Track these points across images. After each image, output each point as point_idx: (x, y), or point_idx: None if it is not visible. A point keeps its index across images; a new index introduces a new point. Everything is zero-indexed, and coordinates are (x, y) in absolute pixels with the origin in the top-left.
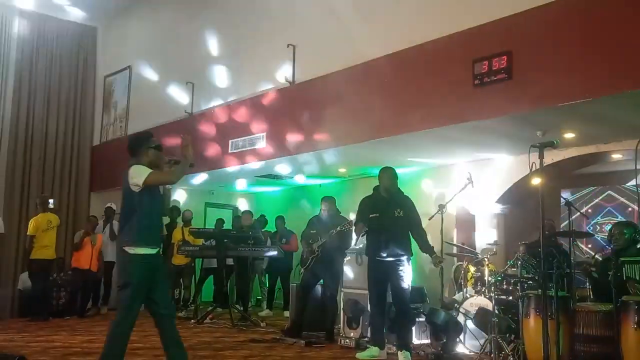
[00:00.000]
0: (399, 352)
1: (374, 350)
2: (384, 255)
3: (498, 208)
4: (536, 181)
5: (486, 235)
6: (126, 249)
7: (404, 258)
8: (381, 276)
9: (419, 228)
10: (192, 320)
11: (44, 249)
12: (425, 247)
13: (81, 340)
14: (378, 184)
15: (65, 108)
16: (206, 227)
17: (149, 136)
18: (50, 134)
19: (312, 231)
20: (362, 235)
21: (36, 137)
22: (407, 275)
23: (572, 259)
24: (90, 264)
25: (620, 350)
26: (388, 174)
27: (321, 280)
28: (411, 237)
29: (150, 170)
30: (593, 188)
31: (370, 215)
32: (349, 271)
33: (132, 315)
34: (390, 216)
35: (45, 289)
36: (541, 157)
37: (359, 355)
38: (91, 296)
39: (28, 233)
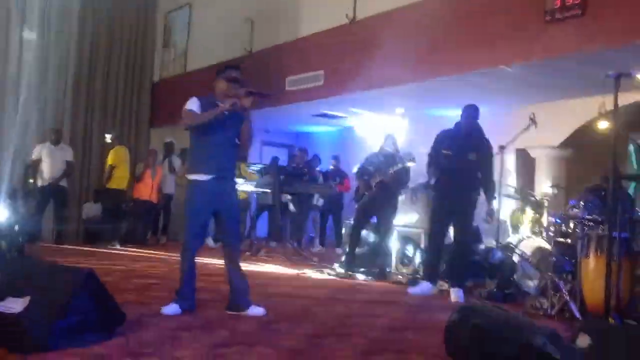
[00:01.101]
0: (451, 289)
1: (424, 285)
2: (451, 194)
3: (561, 152)
4: (603, 125)
5: (546, 180)
6: (186, 176)
7: (470, 197)
8: (444, 214)
9: (487, 177)
10: (247, 253)
11: (119, 179)
12: (487, 197)
13: (142, 265)
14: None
15: (127, 44)
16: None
17: (227, 67)
18: (112, 70)
19: (369, 167)
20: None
21: (98, 73)
22: (471, 214)
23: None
24: (150, 196)
25: None
26: (467, 111)
27: (374, 217)
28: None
29: (190, 107)
30: None
31: (444, 151)
32: (403, 208)
33: (188, 235)
34: (461, 159)
35: (117, 218)
36: (617, 86)
37: (410, 290)
38: (151, 226)
39: (110, 163)
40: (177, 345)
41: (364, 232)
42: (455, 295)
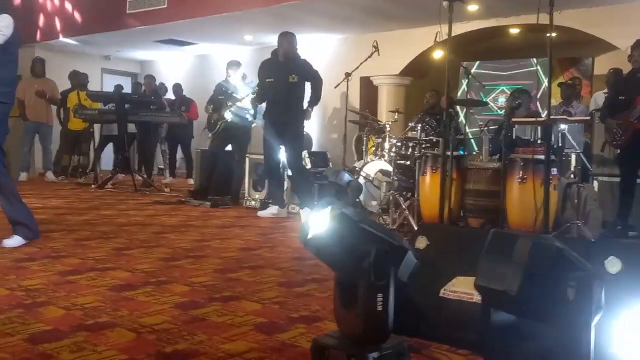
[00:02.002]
0: (301, 211)
1: (273, 208)
2: (276, 120)
3: (401, 80)
4: (439, 53)
5: (388, 106)
6: None
7: (297, 120)
8: (276, 139)
9: (313, 93)
10: (93, 186)
11: None
12: (311, 101)
13: None
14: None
15: None
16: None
17: None
18: None
19: (219, 97)
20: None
21: None
22: (299, 139)
23: (466, 124)
24: None
25: (505, 203)
26: (287, 38)
27: (229, 146)
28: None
29: None
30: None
31: (267, 80)
32: (255, 136)
33: None
34: (284, 82)
35: None
36: (451, 12)
37: (260, 213)
38: None
39: None
40: (22, 274)
41: None
42: (306, 214)
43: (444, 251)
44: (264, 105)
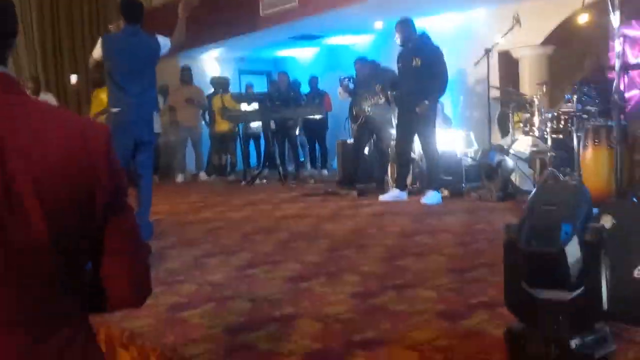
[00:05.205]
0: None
1: (395, 191)
2: (405, 106)
3: (543, 50)
4: (584, 18)
5: (530, 80)
6: None
7: (421, 105)
8: (406, 125)
9: (436, 75)
10: (243, 182)
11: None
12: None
13: None
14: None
15: None
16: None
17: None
18: (75, 12)
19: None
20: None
21: (62, 15)
22: (429, 126)
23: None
24: None
25: None
26: (400, 25)
27: (374, 135)
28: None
29: None
30: None
31: (397, 66)
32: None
33: None
34: (408, 67)
35: None
36: None
37: (381, 197)
38: None
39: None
40: (165, 259)
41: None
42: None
43: (635, 230)
44: None
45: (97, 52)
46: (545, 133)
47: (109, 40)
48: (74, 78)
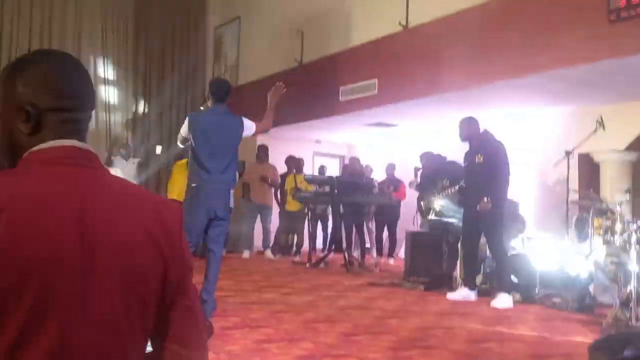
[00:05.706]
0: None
1: (463, 290)
2: (471, 204)
3: (627, 155)
4: None
5: (611, 185)
6: None
7: (493, 206)
8: (472, 224)
9: (497, 175)
10: (307, 264)
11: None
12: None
13: None
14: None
15: (179, 61)
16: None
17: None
18: (165, 87)
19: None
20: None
21: (153, 90)
22: (495, 224)
23: None
24: None
25: None
26: (465, 122)
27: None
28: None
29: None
30: None
31: (464, 163)
32: None
33: None
34: (472, 164)
35: None
36: None
37: (449, 295)
38: None
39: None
40: (227, 340)
41: None
42: (499, 299)
43: None
44: None
45: (184, 130)
46: (628, 244)
47: (195, 120)
48: (159, 149)
